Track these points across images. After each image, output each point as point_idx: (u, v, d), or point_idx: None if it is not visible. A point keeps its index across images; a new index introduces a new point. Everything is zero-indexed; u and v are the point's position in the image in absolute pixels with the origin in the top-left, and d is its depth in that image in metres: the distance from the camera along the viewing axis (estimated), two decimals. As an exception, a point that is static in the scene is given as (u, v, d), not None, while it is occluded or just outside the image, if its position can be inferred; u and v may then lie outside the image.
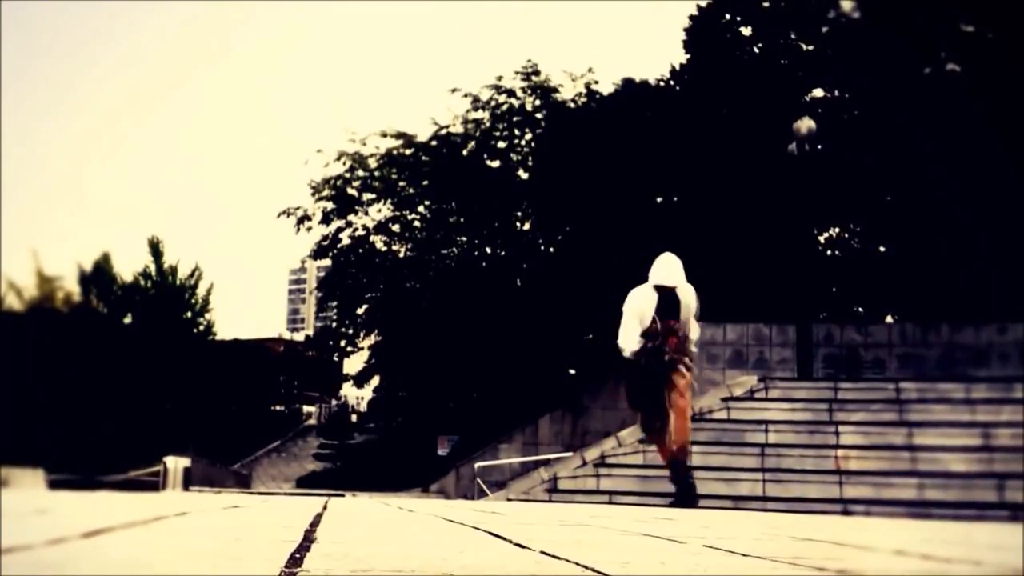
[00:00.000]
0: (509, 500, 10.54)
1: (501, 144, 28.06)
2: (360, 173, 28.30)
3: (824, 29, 23.75)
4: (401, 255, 28.93)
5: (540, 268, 26.61)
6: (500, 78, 28.05)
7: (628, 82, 26.20)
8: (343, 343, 30.57)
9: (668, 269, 7.54)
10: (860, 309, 23.61)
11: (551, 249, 27.26)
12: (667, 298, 7.47)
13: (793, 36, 24.48)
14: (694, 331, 7.65)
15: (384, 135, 28.37)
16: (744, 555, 2.28)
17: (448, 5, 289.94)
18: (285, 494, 18.81)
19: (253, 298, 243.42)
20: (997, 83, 19.94)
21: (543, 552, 2.15)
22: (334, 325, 30.93)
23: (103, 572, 1.45)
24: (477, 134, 27.94)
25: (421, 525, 3.21)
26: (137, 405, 32.04)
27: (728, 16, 25.15)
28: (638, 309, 7.51)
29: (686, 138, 23.15)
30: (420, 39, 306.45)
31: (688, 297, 7.54)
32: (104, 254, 39.79)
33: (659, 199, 24.99)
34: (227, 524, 2.90)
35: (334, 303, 30.57)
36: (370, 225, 28.75)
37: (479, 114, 28.01)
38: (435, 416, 27.72)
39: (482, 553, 2.14)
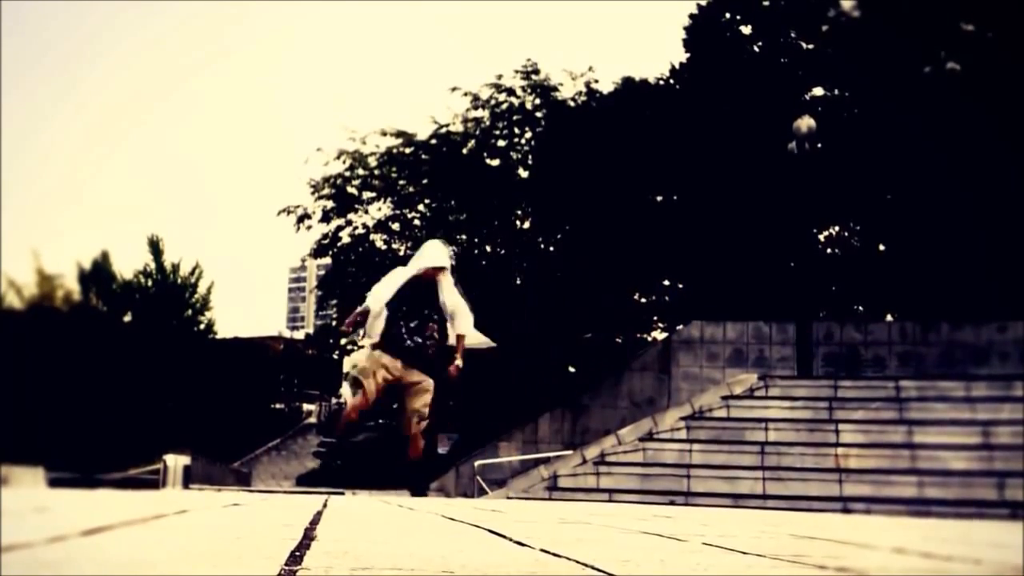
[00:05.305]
0: (509, 498, 10.54)
1: (501, 143, 28.03)
2: (360, 172, 28.29)
3: (824, 28, 23.75)
4: (401, 253, 28.91)
5: (539, 267, 26.60)
6: (500, 77, 28.04)
7: (628, 81, 26.19)
8: (343, 341, 30.61)
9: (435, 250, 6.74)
10: (860, 307, 23.61)
11: (551, 248, 27.25)
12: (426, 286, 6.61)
13: (793, 35, 24.47)
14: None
15: (384, 134, 28.35)
16: (744, 553, 2.28)
17: (448, 4, 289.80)
18: (285, 492, 18.81)
19: (253, 296, 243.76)
20: (997, 83, 19.94)
21: (543, 550, 2.15)
22: (334, 323, 30.97)
23: (103, 571, 1.45)
24: (477, 133, 27.92)
25: (421, 523, 3.21)
26: (137, 403, 32.01)
27: (728, 15, 25.14)
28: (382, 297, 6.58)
29: (686, 137, 23.14)
30: (420, 38, 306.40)
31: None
32: (103, 252, 39.73)
33: (659, 198, 24.99)
34: (227, 522, 2.90)
35: (334, 301, 30.60)
36: (370, 223, 28.75)
37: (479, 113, 28.00)
38: (435, 415, 27.69)
39: (482, 551, 2.14)
